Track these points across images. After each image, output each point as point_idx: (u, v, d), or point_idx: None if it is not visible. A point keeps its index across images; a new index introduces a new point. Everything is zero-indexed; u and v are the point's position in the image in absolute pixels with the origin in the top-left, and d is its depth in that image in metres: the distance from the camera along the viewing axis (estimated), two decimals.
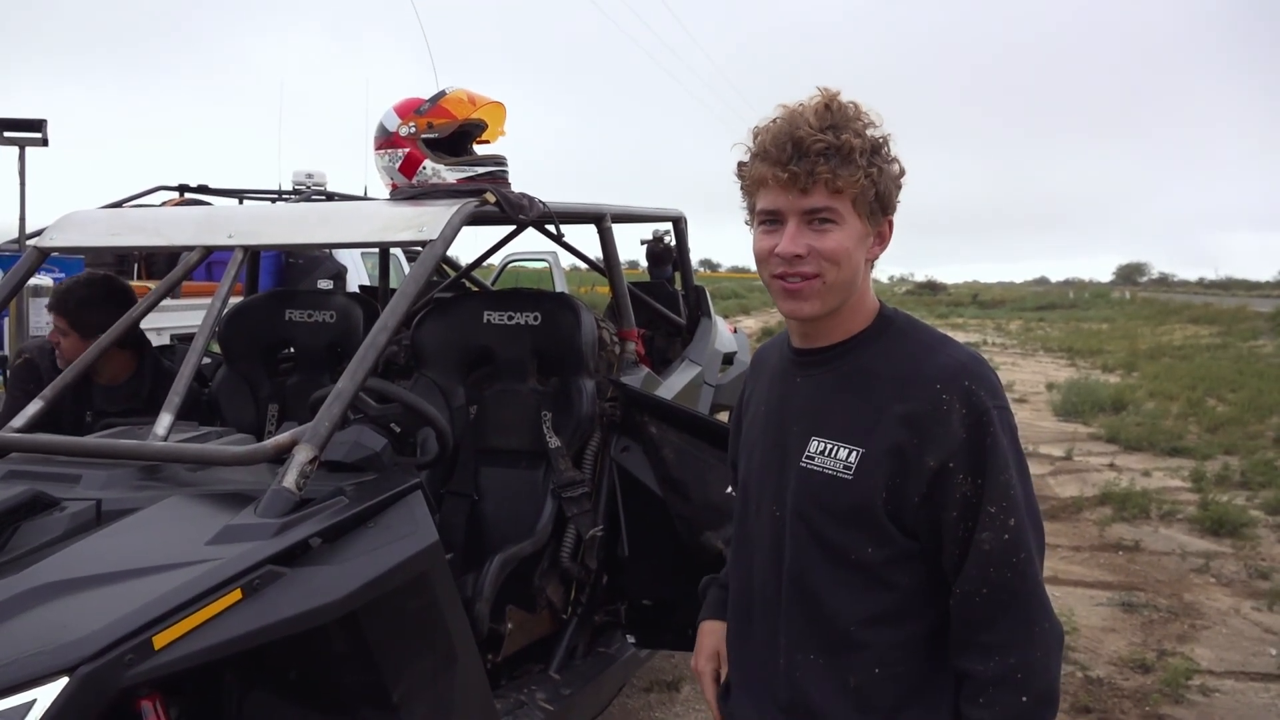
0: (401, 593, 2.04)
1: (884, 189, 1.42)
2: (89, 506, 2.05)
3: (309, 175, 7.11)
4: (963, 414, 1.37)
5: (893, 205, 1.46)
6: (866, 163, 1.39)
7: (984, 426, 1.37)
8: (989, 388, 1.40)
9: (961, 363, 1.42)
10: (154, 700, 1.71)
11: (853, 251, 1.42)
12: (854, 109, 1.42)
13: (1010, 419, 1.42)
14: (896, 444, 1.39)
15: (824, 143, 1.37)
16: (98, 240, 3.10)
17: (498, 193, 2.87)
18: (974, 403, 1.38)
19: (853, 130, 1.39)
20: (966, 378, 1.40)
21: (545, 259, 10.83)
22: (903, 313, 1.54)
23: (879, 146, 1.42)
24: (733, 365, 4.69)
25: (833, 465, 1.44)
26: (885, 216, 1.46)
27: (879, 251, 1.49)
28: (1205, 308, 33.66)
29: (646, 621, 3.20)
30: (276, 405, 3.55)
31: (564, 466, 3.06)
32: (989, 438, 1.37)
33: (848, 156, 1.38)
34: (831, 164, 1.37)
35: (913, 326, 1.51)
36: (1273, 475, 7.71)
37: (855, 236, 1.42)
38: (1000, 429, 1.38)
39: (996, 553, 1.38)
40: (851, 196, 1.39)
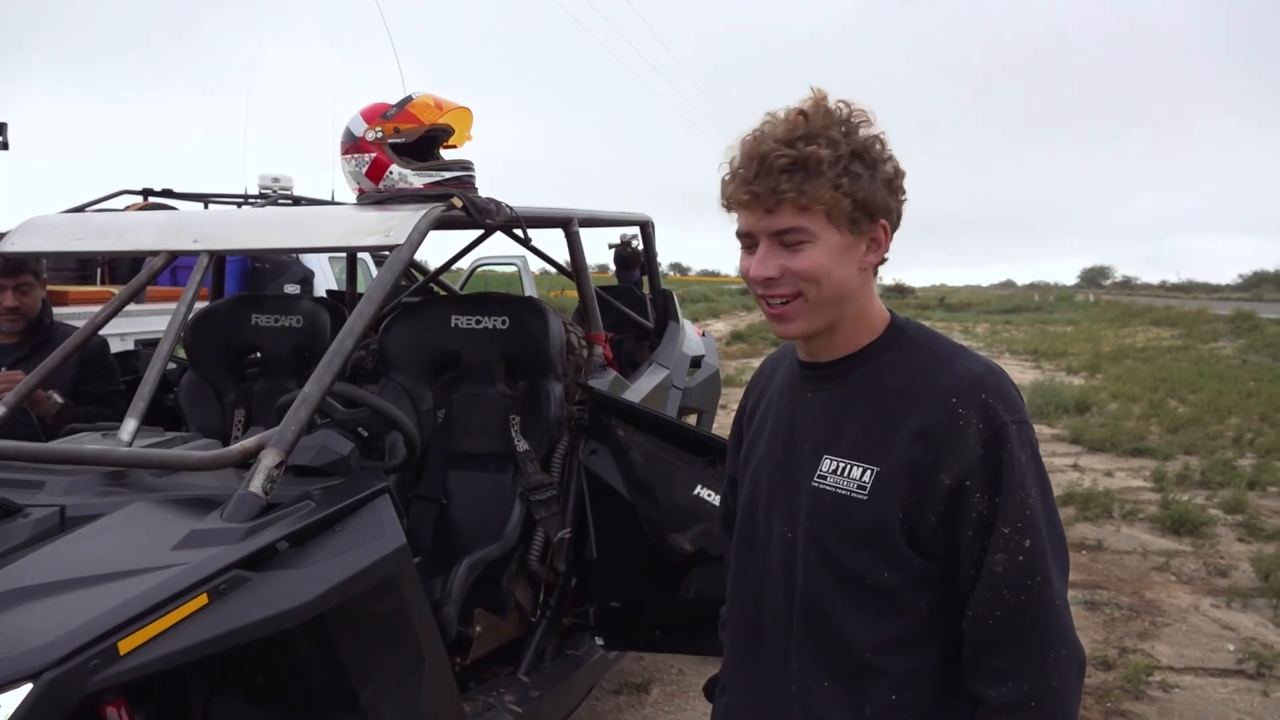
0: (369, 596, 2.04)
1: (865, 195, 1.32)
2: (53, 513, 2.03)
3: (275, 179, 7.06)
4: (979, 429, 1.30)
5: (884, 208, 1.36)
6: (837, 173, 1.30)
7: (1002, 442, 1.30)
8: (1007, 401, 1.33)
9: (978, 375, 1.34)
10: (119, 706, 1.71)
11: (832, 267, 1.34)
12: (837, 112, 1.33)
13: (1030, 434, 1.34)
14: (911, 461, 1.32)
15: (787, 158, 1.30)
16: (61, 245, 3.08)
17: (464, 197, 2.88)
18: (991, 417, 1.31)
19: (823, 140, 1.30)
20: (984, 390, 1.32)
21: (514, 263, 10.82)
22: (915, 322, 1.47)
23: (861, 151, 1.32)
24: (700, 369, 4.72)
25: (846, 485, 1.37)
26: (875, 221, 1.35)
27: (875, 259, 1.39)
28: (1167, 310, 34.15)
29: (615, 624, 3.22)
30: (243, 410, 3.54)
31: (532, 470, 3.07)
32: (1006, 454, 1.30)
33: (814, 170, 1.29)
34: (795, 180, 1.29)
35: (926, 336, 1.43)
36: (1231, 475, 7.84)
37: (834, 251, 1.34)
38: (1019, 445, 1.31)
39: (1011, 575, 1.30)
40: (824, 211, 1.31)
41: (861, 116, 1.34)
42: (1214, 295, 60.38)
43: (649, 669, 4.14)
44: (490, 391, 3.23)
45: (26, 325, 3.40)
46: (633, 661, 4.11)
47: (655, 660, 4.19)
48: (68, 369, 3.11)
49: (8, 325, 3.37)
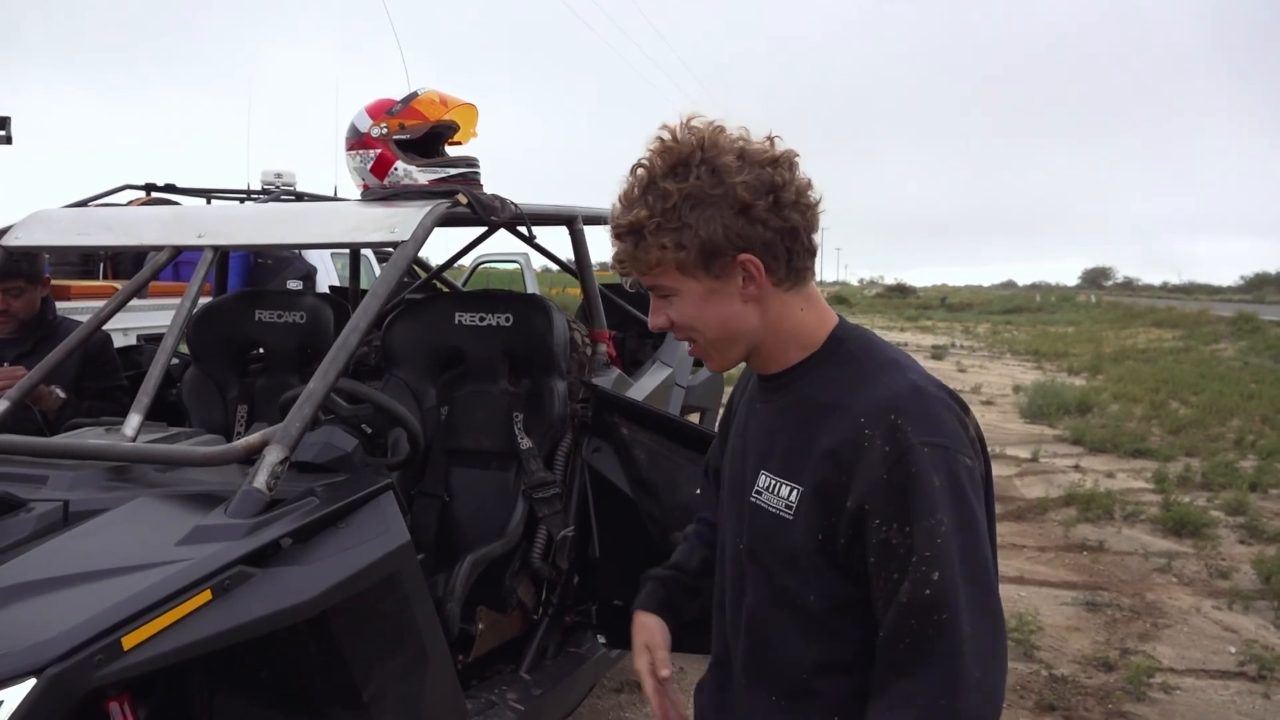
0: (372, 593, 2.04)
1: (706, 239, 1.27)
2: (56, 507, 2.03)
3: (278, 175, 7.06)
4: (884, 451, 1.22)
5: (738, 241, 1.28)
6: (664, 232, 1.28)
7: (905, 466, 1.21)
8: (922, 422, 1.24)
9: (895, 393, 1.27)
10: (122, 701, 1.71)
11: (705, 314, 1.33)
12: (676, 151, 1.29)
13: (948, 458, 1.23)
14: (824, 481, 1.28)
15: (620, 226, 1.31)
16: (64, 239, 3.07)
17: (469, 194, 2.87)
18: (897, 439, 1.22)
19: (652, 195, 1.28)
20: (895, 410, 1.24)
21: (516, 260, 10.82)
22: (860, 332, 1.40)
23: (695, 192, 1.27)
24: (703, 367, 4.71)
25: (776, 503, 1.35)
26: (733, 258, 1.29)
27: (754, 290, 1.32)
28: (1169, 312, 34.17)
29: (617, 622, 3.21)
30: (245, 406, 3.53)
31: (535, 467, 3.06)
32: (910, 479, 1.21)
33: (641, 235, 1.29)
34: (630, 248, 1.31)
35: (865, 348, 1.36)
36: (1233, 477, 7.84)
37: (698, 299, 1.32)
38: (929, 468, 1.21)
39: (915, 607, 1.21)
40: (673, 266, 1.30)
41: (712, 148, 1.28)
42: (1216, 297, 60.39)
43: None
44: (493, 389, 3.23)
45: (20, 325, 3.39)
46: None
47: None
48: (70, 364, 3.11)
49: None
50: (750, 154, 1.29)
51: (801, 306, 1.37)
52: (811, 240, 1.34)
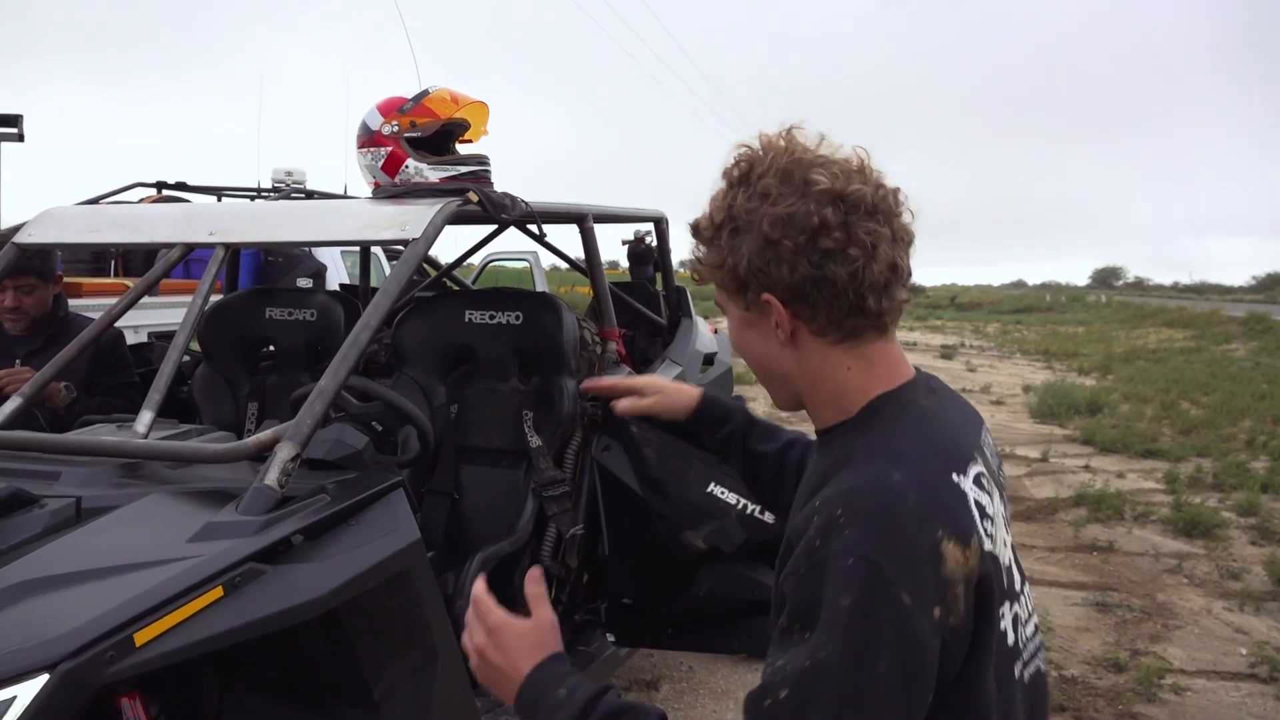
0: (383, 590, 2.04)
1: (731, 268, 1.16)
2: (69, 504, 2.04)
3: (288, 173, 7.08)
4: (813, 545, 1.03)
5: (760, 278, 1.14)
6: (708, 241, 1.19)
7: (822, 572, 1.01)
8: (871, 531, 1.01)
9: (861, 485, 1.05)
10: (134, 698, 1.71)
11: (743, 344, 1.23)
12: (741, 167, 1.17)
13: (877, 585, 0.98)
14: (780, 562, 1.13)
15: (691, 223, 1.23)
16: (77, 236, 3.08)
17: (480, 192, 2.88)
18: (829, 539, 1.02)
19: (711, 205, 1.19)
20: (846, 504, 1.04)
21: (525, 259, 10.83)
22: (908, 408, 1.17)
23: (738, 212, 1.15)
24: (713, 365, 4.71)
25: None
26: (758, 294, 1.15)
27: (783, 335, 1.17)
28: (1179, 312, 34.00)
29: (626, 620, 3.21)
30: (256, 403, 3.54)
31: (545, 465, 3.06)
32: (818, 589, 1.01)
33: (696, 238, 1.22)
34: (693, 253, 1.23)
35: (887, 428, 1.14)
36: (1244, 477, 7.81)
37: (737, 324, 1.22)
38: (841, 585, 0.99)
39: (751, 705, 1.06)
40: (718, 281, 1.20)
41: (769, 166, 1.14)
42: (1227, 297, 60.11)
43: (659, 666, 4.13)
44: (503, 387, 3.23)
45: (31, 322, 3.41)
46: (643, 658, 4.11)
47: (665, 657, 4.18)
48: (82, 361, 3.12)
49: (9, 324, 3.38)
50: (811, 183, 1.12)
51: (849, 365, 1.18)
52: (864, 298, 1.13)
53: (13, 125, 6.02)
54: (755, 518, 2.91)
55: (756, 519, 2.91)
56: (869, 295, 1.13)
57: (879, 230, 1.13)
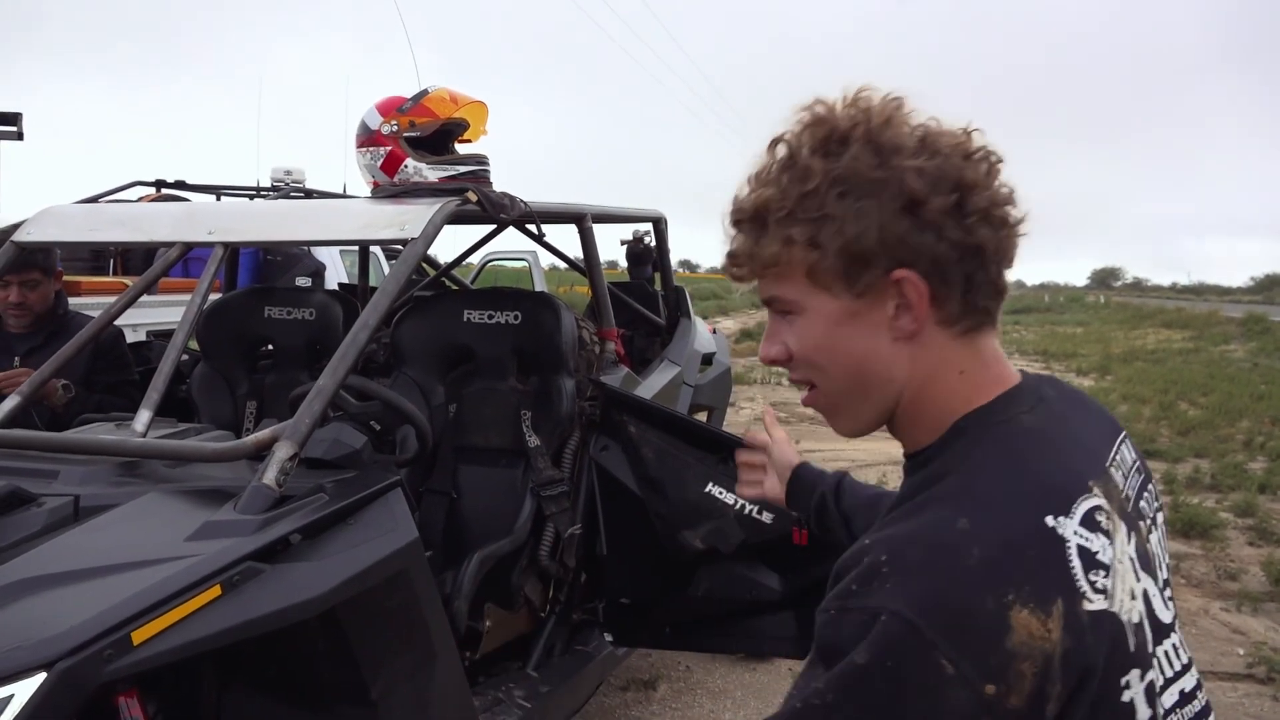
0: (381, 590, 2.05)
1: (848, 240, 0.92)
2: (67, 502, 2.04)
3: (288, 172, 7.07)
4: (850, 589, 0.87)
5: (896, 251, 0.92)
6: (794, 220, 0.94)
7: (852, 622, 0.85)
8: (908, 583, 0.84)
9: (907, 532, 0.89)
10: (131, 696, 1.71)
11: (834, 346, 0.97)
12: (818, 131, 0.96)
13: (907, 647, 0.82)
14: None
15: (740, 213, 0.99)
16: (76, 235, 3.09)
17: (479, 192, 2.88)
18: (868, 587, 0.86)
19: (790, 174, 0.95)
20: (893, 551, 0.87)
21: (524, 258, 10.83)
22: (996, 431, 0.96)
23: (850, 174, 0.92)
24: (712, 365, 4.71)
25: None
26: (885, 273, 0.93)
27: (910, 324, 0.95)
28: (1178, 312, 34.04)
29: (624, 620, 3.22)
30: (254, 402, 3.54)
31: (543, 465, 3.07)
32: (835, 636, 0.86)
33: (760, 223, 0.96)
34: (749, 241, 0.98)
35: (966, 456, 0.95)
36: (1242, 478, 7.81)
37: (829, 321, 0.97)
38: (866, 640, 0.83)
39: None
40: (801, 270, 0.95)
41: (882, 122, 0.94)
42: (1225, 297, 60.15)
43: (657, 666, 4.14)
44: (502, 386, 3.23)
45: (35, 319, 3.41)
46: (641, 658, 4.11)
47: (663, 657, 4.18)
48: (81, 359, 3.12)
49: (14, 320, 3.39)
50: (935, 138, 0.95)
51: (963, 368, 0.98)
52: (1001, 273, 0.97)
53: (12, 123, 6.02)
54: (753, 518, 2.92)
55: (754, 519, 2.92)
56: (1005, 269, 0.97)
57: (1004, 189, 0.97)
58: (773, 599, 2.98)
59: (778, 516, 2.90)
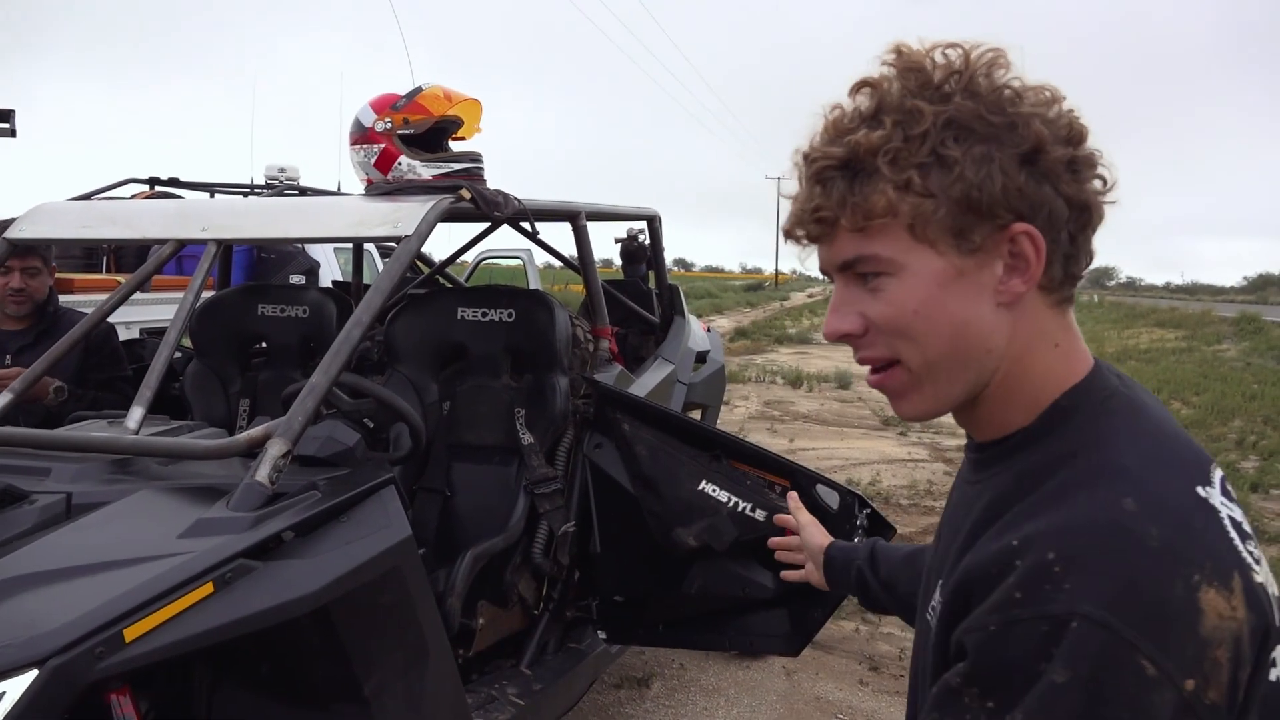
0: (374, 587, 2.04)
1: (969, 188, 0.84)
2: (59, 500, 2.04)
3: (281, 169, 7.07)
4: (1014, 598, 0.78)
5: (1015, 202, 0.84)
6: (906, 164, 0.84)
7: (1033, 636, 0.75)
8: (1091, 582, 0.75)
9: (1080, 522, 0.79)
10: (124, 694, 1.71)
11: (939, 309, 0.87)
12: (931, 69, 0.86)
13: (1112, 654, 0.73)
14: (953, 614, 0.86)
15: (829, 160, 0.87)
16: (69, 232, 3.08)
17: (473, 189, 2.88)
18: (1040, 592, 0.76)
19: (892, 117, 0.85)
20: (1060, 547, 0.78)
21: (519, 256, 10.83)
22: (1108, 399, 0.89)
23: (967, 118, 0.84)
24: (705, 364, 4.71)
25: (931, 613, 0.94)
26: (1003, 226, 0.85)
27: (1021, 285, 0.87)
28: (1171, 312, 34.12)
29: (618, 617, 3.22)
30: (248, 400, 3.54)
31: (537, 463, 3.07)
32: (1033, 657, 0.75)
33: (864, 168, 0.85)
34: (839, 189, 0.86)
35: (1093, 433, 0.87)
36: (1235, 477, 7.83)
37: (933, 282, 0.86)
38: (1070, 659, 0.73)
39: None
40: (904, 225, 0.85)
41: (979, 63, 0.86)
42: (1218, 297, 60.33)
43: (650, 663, 4.14)
44: (495, 384, 3.23)
45: (34, 308, 3.42)
46: (634, 655, 4.12)
47: (657, 655, 4.19)
48: (74, 356, 3.12)
49: (13, 308, 3.39)
50: (1037, 89, 0.87)
51: (1057, 341, 0.90)
52: (1092, 239, 0.90)
53: (4, 120, 6.01)
54: (747, 515, 2.92)
55: (748, 516, 2.92)
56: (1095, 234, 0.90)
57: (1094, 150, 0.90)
58: (766, 596, 2.99)
59: (771, 514, 2.90)
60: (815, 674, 4.15)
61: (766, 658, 4.12)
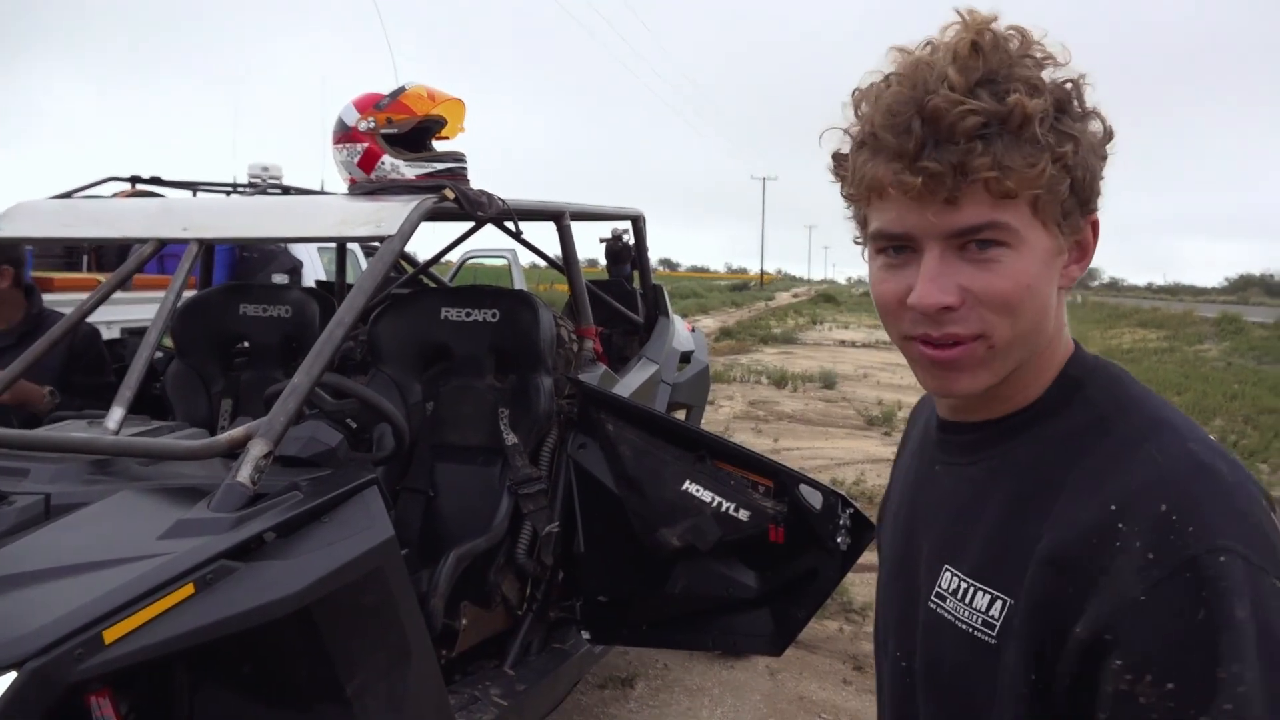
0: (356, 588, 2.04)
1: (1083, 172, 0.86)
2: (38, 500, 2.02)
3: (264, 168, 7.04)
4: (1147, 559, 0.78)
5: (1096, 193, 0.89)
6: (1055, 136, 0.83)
7: (1183, 584, 0.76)
8: (1208, 516, 0.79)
9: (1170, 470, 0.82)
10: (103, 696, 1.70)
11: (1037, 286, 0.87)
12: (1020, 40, 0.86)
13: (1257, 580, 0.76)
14: (1043, 595, 0.84)
15: (979, 114, 0.82)
16: (50, 231, 3.06)
17: (457, 189, 2.87)
18: (1170, 542, 0.78)
19: (1024, 81, 0.83)
20: (1167, 497, 0.80)
21: (504, 256, 10.81)
22: (1106, 367, 0.95)
23: (1067, 100, 0.86)
24: (690, 364, 4.72)
25: (968, 616, 0.91)
26: (1087, 215, 0.90)
27: (1078, 271, 0.92)
28: (1153, 312, 34.37)
29: (602, 617, 3.22)
30: (230, 400, 3.52)
31: (520, 463, 3.06)
32: (1197, 606, 0.76)
33: (1021, 131, 0.82)
34: (994, 150, 0.82)
35: (1115, 395, 0.91)
36: None
37: (1040, 260, 0.87)
38: (1229, 591, 0.75)
39: None
40: (1030, 200, 0.85)
41: (1046, 49, 0.87)
42: (1200, 298, 60.77)
43: (634, 664, 4.14)
44: (479, 384, 3.23)
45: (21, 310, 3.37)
46: (618, 656, 4.11)
47: (641, 655, 4.19)
48: (55, 357, 3.09)
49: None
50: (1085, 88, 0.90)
51: (1064, 321, 0.95)
52: None
53: None
54: (730, 515, 2.93)
55: (731, 517, 2.93)
56: None
57: None
58: (749, 596, 2.99)
59: (754, 514, 2.91)
60: (799, 674, 4.16)
61: (750, 657, 4.13)
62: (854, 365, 15.92)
